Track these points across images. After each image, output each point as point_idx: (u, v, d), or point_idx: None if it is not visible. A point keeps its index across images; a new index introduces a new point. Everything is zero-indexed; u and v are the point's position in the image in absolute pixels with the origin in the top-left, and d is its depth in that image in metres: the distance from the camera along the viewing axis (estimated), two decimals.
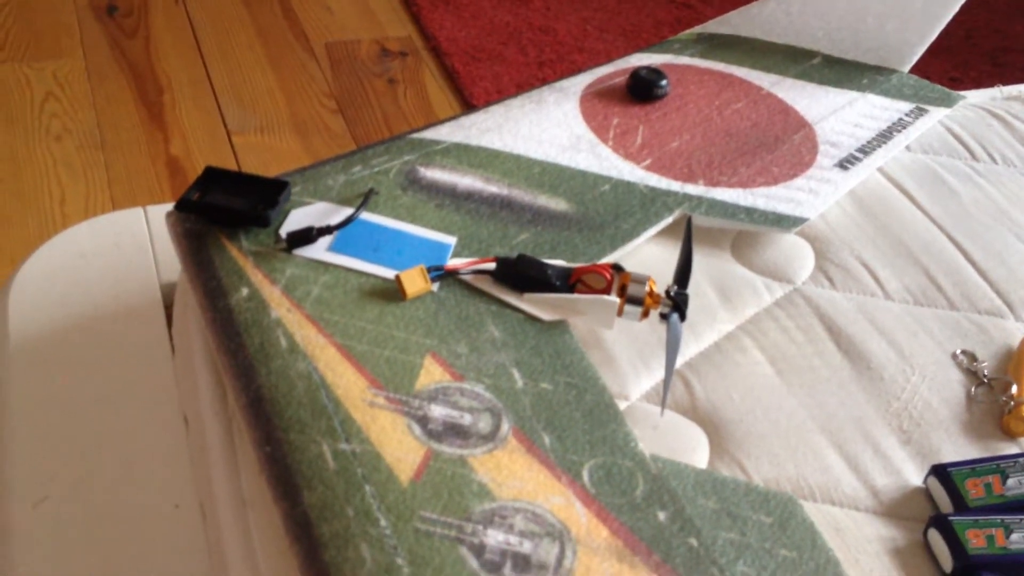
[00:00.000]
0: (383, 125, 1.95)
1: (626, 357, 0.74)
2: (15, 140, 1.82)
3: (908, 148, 0.99)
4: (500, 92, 2.00)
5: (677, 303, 0.73)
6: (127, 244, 0.97)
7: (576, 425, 0.65)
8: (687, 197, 0.86)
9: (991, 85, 1.24)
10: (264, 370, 0.66)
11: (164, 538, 0.72)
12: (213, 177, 0.78)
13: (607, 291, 0.73)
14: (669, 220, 0.84)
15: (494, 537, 0.58)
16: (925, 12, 1.06)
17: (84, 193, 1.72)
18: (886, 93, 1.05)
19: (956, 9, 1.06)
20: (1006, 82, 1.27)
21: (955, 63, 2.23)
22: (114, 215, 1.01)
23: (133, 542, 0.72)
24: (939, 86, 1.08)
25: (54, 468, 0.76)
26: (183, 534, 0.72)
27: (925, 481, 0.68)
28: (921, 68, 1.09)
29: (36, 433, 0.79)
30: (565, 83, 1.00)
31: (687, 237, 0.77)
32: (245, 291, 0.71)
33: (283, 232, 0.75)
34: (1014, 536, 0.62)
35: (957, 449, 0.70)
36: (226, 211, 0.75)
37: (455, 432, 0.63)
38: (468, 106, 1.97)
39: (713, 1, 2.38)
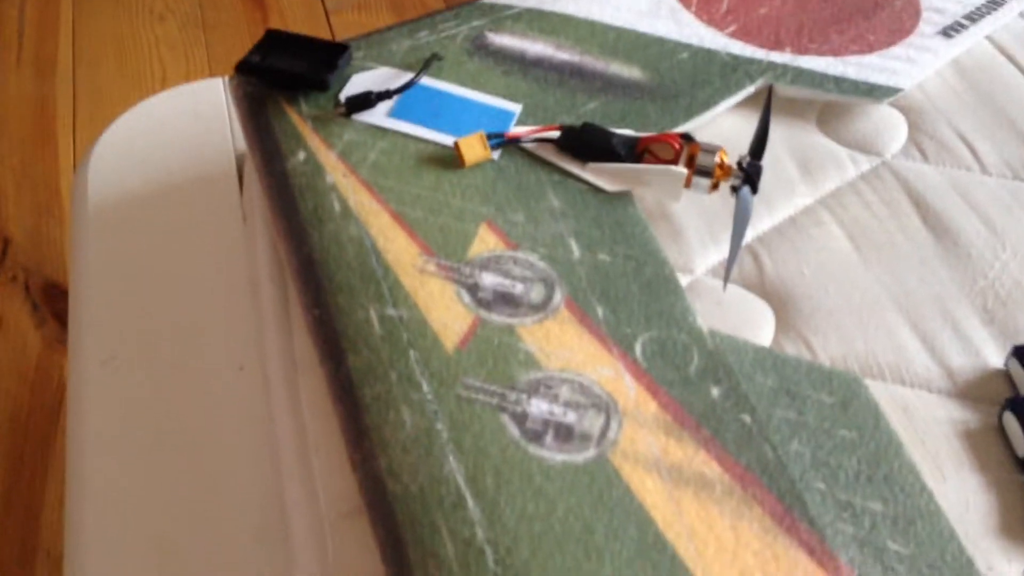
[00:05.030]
0: None
1: (694, 230, 0.71)
2: (120, 21, 1.84)
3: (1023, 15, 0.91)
4: None
5: (749, 175, 0.69)
6: (205, 113, 0.96)
7: (632, 297, 0.63)
8: (772, 65, 0.81)
9: None
10: (316, 234, 0.65)
11: (227, 399, 0.73)
12: (275, 40, 0.76)
13: (675, 161, 0.70)
14: (751, 90, 0.80)
15: (538, 407, 0.56)
16: None
17: (185, 72, 1.74)
18: None
19: None
20: None
21: None
22: (194, 85, 1.01)
23: (196, 402, 0.73)
24: None
25: (123, 328, 0.77)
26: (245, 396, 0.72)
27: (1006, 363, 0.64)
28: None
29: (108, 294, 0.80)
30: None
31: (766, 106, 0.73)
32: (302, 155, 0.70)
33: (343, 97, 0.73)
34: None
35: None
36: (286, 74, 0.74)
37: (505, 301, 0.62)
38: None
39: None
